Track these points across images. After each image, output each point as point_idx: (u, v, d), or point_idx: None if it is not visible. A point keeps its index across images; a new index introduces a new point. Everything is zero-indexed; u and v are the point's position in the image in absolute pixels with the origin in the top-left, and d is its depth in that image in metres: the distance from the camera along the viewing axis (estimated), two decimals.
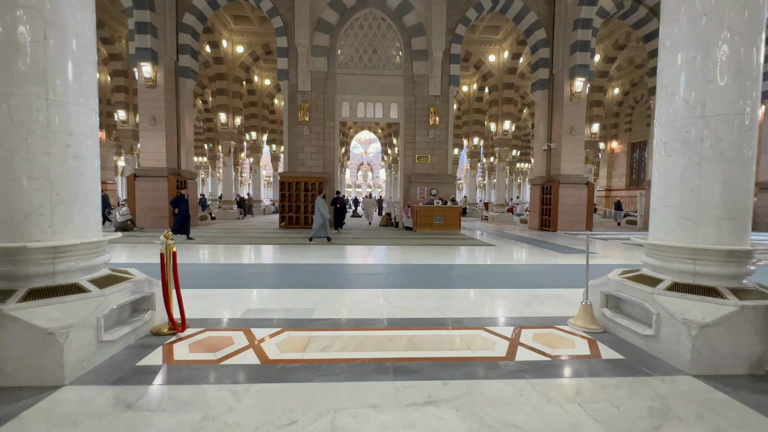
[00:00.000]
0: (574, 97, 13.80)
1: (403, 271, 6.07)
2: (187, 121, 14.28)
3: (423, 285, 5.05)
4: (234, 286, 4.84)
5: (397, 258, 7.34)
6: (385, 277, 5.64)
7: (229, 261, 6.80)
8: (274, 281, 5.28)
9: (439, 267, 6.50)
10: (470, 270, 6.33)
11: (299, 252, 7.96)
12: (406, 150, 14.78)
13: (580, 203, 14.07)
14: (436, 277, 5.65)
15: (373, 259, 7.34)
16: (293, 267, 6.36)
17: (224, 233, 11.80)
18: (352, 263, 6.81)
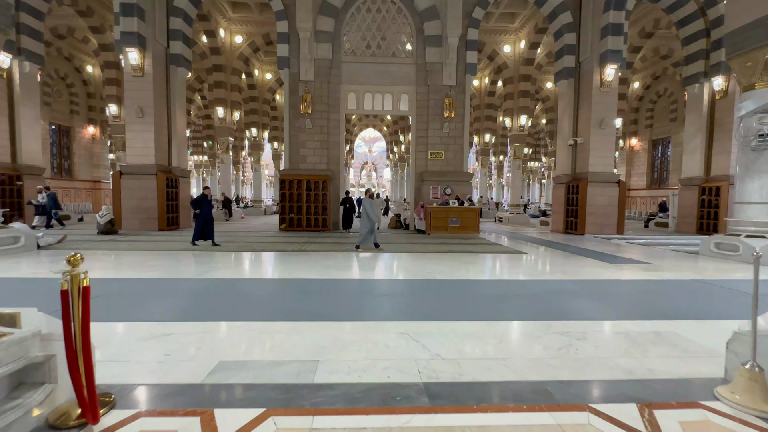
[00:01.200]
0: (604, 87, 12.47)
1: (431, 291, 4.81)
2: (179, 114, 13.10)
3: (463, 313, 3.79)
4: (208, 317, 3.60)
5: (416, 270, 6.09)
6: (410, 300, 4.38)
7: (211, 275, 5.57)
8: (264, 308, 4.03)
9: (472, 284, 5.24)
10: (514, 288, 5.05)
11: (299, 262, 6.72)
12: (417, 145, 13.52)
13: (611, 203, 12.74)
14: (475, 300, 4.39)
15: (388, 272, 6.09)
16: (290, 284, 5.12)
17: (218, 238, 10.58)
18: (364, 278, 5.56)
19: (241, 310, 3.83)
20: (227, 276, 5.47)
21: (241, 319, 3.49)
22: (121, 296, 4.28)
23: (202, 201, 8.49)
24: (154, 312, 3.71)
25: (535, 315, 3.78)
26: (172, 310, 3.82)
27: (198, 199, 8.55)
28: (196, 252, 7.68)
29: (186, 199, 13.33)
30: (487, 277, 5.67)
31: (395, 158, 32.89)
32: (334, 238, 10.59)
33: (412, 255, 7.77)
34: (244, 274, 5.62)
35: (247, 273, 5.68)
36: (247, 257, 7.31)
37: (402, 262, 6.86)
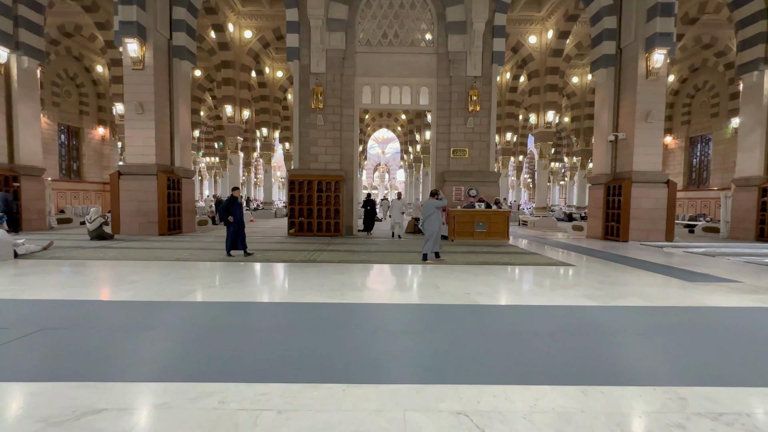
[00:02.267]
0: (651, 75, 11.05)
1: (479, 323, 3.63)
2: (183, 111, 12.24)
3: (541, 368, 2.60)
4: (160, 374, 2.51)
5: (450, 289, 4.91)
6: (454, 340, 3.20)
7: (192, 296, 4.50)
8: (250, 356, 2.89)
9: (530, 312, 4.04)
10: (589, 320, 3.82)
11: (307, 277, 5.63)
12: (438, 143, 12.33)
13: (658, 207, 11.28)
14: (546, 341, 3.18)
15: (415, 292, 4.92)
16: (292, 312, 4.01)
17: (218, 242, 9.61)
18: (386, 302, 4.40)
19: (214, 360, 2.72)
20: (212, 298, 4.40)
21: (210, 379, 2.38)
22: (60, 330, 3.24)
23: (233, 204, 7.31)
24: (84, 363, 2.64)
25: (649, 371, 2.57)
26: (111, 359, 2.75)
27: (228, 203, 7.28)
28: (187, 264, 6.66)
29: (190, 202, 12.46)
30: (546, 301, 4.44)
31: (410, 159, 31.69)
32: (348, 245, 9.49)
33: (439, 267, 6.58)
34: (234, 295, 4.53)
35: (238, 294, 4.59)
36: (244, 270, 6.24)
37: (429, 278, 5.69)
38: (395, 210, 11.51)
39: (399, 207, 11.47)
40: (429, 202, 7.20)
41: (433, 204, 7.13)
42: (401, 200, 11.80)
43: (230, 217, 7.19)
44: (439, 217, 7.16)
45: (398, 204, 11.52)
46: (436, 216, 7.08)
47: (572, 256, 8.23)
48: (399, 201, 11.66)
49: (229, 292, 4.65)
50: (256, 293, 4.66)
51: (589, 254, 8.61)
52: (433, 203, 7.13)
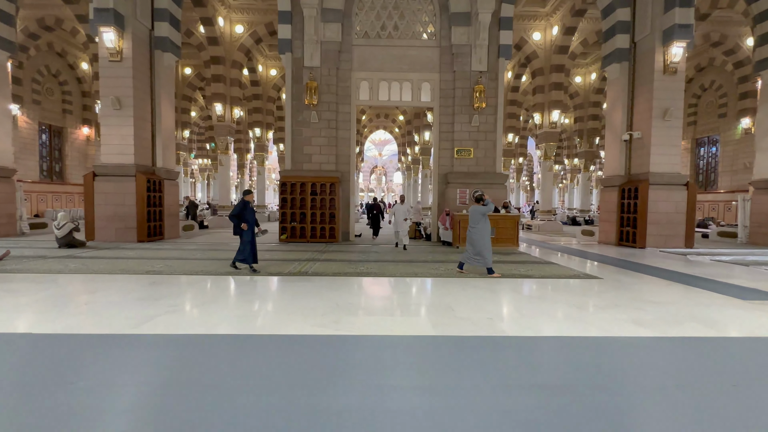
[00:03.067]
0: (668, 69, 10.33)
1: (511, 364, 2.79)
2: (166, 107, 11.34)
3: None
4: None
5: (469, 315, 4.06)
6: (488, 417, 2.34)
7: (144, 326, 3.62)
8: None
9: (574, 346, 3.20)
10: (662, 364, 2.98)
11: (295, 296, 4.77)
12: (441, 142, 11.52)
13: (678, 210, 10.53)
14: (616, 398, 2.33)
15: (424, 317, 4.04)
16: (271, 351, 3.13)
17: (199, 251, 8.71)
18: (391, 333, 3.54)
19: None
20: (171, 328, 3.50)
21: None
22: None
23: (245, 210, 6.23)
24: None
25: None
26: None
27: (239, 208, 6.19)
28: (158, 278, 5.75)
29: (173, 205, 11.52)
30: (590, 330, 3.60)
31: (408, 161, 30.86)
32: (345, 254, 8.62)
33: (451, 282, 5.73)
34: (202, 324, 3.64)
35: (207, 323, 3.70)
36: (222, 287, 5.35)
37: (441, 295, 4.83)
38: (398, 216, 9.93)
39: (402, 213, 9.90)
40: (475, 209, 6.22)
41: (478, 210, 6.16)
42: (405, 204, 10.26)
43: (243, 225, 6.14)
44: (488, 226, 6.22)
45: (402, 209, 9.98)
46: (484, 225, 6.15)
47: (593, 266, 7.41)
48: (402, 206, 10.11)
49: (196, 319, 3.76)
50: (230, 320, 3.77)
51: (610, 263, 7.80)
52: (479, 210, 6.16)
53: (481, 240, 6.14)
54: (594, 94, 22.11)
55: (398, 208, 10.06)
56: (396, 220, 10.01)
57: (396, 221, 10.01)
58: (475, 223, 6.23)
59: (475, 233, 6.19)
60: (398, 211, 9.97)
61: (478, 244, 6.15)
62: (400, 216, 9.89)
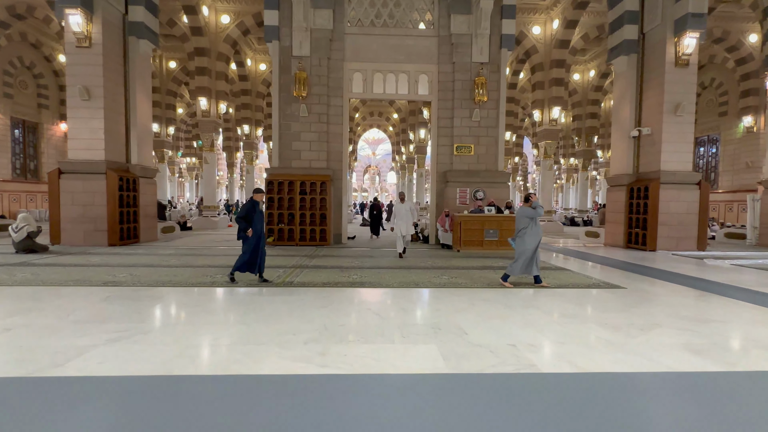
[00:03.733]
0: (680, 62, 9.74)
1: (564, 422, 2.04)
2: (142, 99, 10.43)
3: None
4: None
5: (486, 341, 3.35)
6: None
7: (76, 361, 2.82)
8: None
9: (646, 394, 2.48)
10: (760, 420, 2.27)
11: (278, 315, 4.01)
12: (440, 138, 10.80)
13: (689, 211, 9.95)
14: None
15: (435, 352, 3.27)
16: (234, 403, 2.37)
17: (175, 257, 7.86)
18: (392, 371, 2.79)
19: None
20: (107, 367, 2.70)
21: None
22: None
23: (253, 211, 5.31)
24: None
25: None
26: None
27: (246, 210, 5.27)
28: (115, 291, 4.92)
29: (149, 206, 10.62)
30: (641, 362, 2.89)
31: (402, 160, 30.11)
32: (336, 259, 7.84)
33: (455, 293, 5.00)
34: (148, 360, 2.84)
35: (154, 357, 2.90)
36: (188, 303, 4.55)
37: (448, 312, 4.10)
38: (401, 217, 8.12)
39: (405, 214, 8.11)
40: (522, 211, 5.40)
41: (525, 213, 5.34)
42: (406, 203, 8.31)
43: (250, 230, 5.24)
44: (538, 229, 5.34)
45: (403, 209, 8.14)
46: (532, 229, 5.31)
47: (609, 272, 6.74)
48: (404, 205, 8.23)
49: (142, 352, 2.96)
50: (186, 353, 2.98)
51: (626, 269, 7.14)
52: (526, 212, 5.34)
53: (522, 246, 5.31)
54: (593, 91, 21.62)
55: (400, 209, 8.24)
56: (398, 222, 8.11)
57: (399, 224, 8.09)
58: (521, 227, 5.37)
59: (520, 239, 5.34)
60: (400, 212, 8.17)
61: (518, 249, 5.37)
62: (403, 218, 8.09)
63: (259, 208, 5.41)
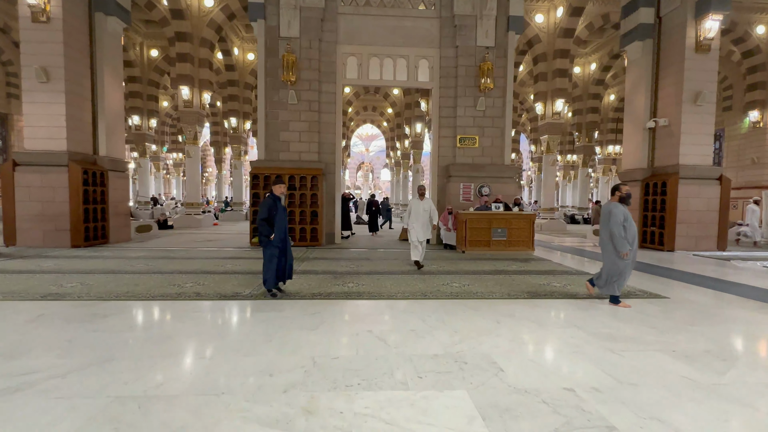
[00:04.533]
0: (701, 47, 9.03)
1: None
2: (111, 83, 9.36)
3: None
4: None
5: (532, 382, 2.54)
6: None
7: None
8: None
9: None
10: None
11: (248, 343, 3.17)
12: (442, 129, 9.94)
13: (710, 208, 9.27)
14: None
15: (467, 404, 2.42)
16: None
17: (144, 260, 6.89)
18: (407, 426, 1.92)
19: None
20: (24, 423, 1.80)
21: None
22: None
23: (274, 208, 4.33)
24: None
25: None
26: None
27: (266, 207, 4.28)
28: (52, 306, 3.98)
29: (120, 202, 9.57)
30: (751, 416, 2.09)
31: (397, 156, 29.20)
32: (328, 262, 6.94)
33: (472, 307, 4.15)
34: (48, 425, 1.97)
35: (62, 424, 2.03)
36: (138, 325, 3.63)
37: (470, 332, 3.26)
38: (417, 219, 6.32)
39: (423, 215, 6.33)
40: (611, 208, 4.11)
41: (620, 212, 4.08)
42: (426, 201, 6.41)
43: (270, 236, 4.28)
44: (632, 230, 4.14)
45: (421, 208, 6.33)
46: (630, 230, 4.11)
47: (637, 277, 5.96)
48: (422, 203, 6.35)
49: (44, 413, 2.04)
50: (111, 412, 2.08)
51: (651, 272, 6.38)
52: (618, 212, 4.07)
53: (610, 260, 4.21)
54: (594, 85, 20.96)
55: (417, 207, 6.34)
56: (414, 225, 6.33)
57: (414, 227, 6.33)
58: (605, 233, 4.20)
59: (613, 240, 4.15)
60: (417, 212, 6.32)
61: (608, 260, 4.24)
62: (420, 219, 6.29)
63: (280, 204, 4.46)
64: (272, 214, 4.32)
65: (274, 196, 4.42)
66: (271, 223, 4.32)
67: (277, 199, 4.43)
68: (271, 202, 4.35)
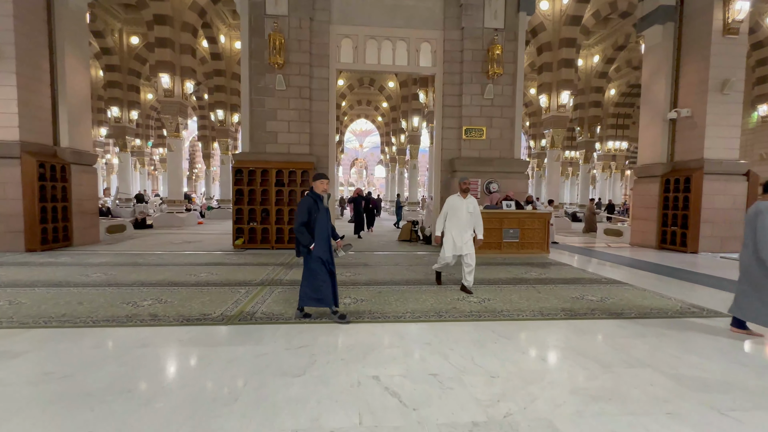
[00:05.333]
0: (729, 30, 8.26)
1: None
2: (75, 65, 8.28)
3: None
4: None
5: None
6: None
7: None
8: None
9: None
10: None
11: (207, 407, 2.21)
12: (445, 119, 9.06)
13: (735, 206, 8.55)
14: None
15: None
16: None
17: (105, 268, 5.91)
18: None
19: None
20: None
21: None
22: None
23: (315, 211, 3.43)
24: None
25: None
26: None
27: (304, 209, 3.38)
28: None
29: (86, 200, 8.52)
30: None
31: (392, 152, 28.26)
32: None
33: (500, 331, 3.30)
34: None
35: None
36: (61, 363, 2.71)
37: (516, 386, 2.42)
38: (457, 222, 4.56)
39: (466, 218, 4.55)
40: (761, 208, 3.06)
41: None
42: (470, 200, 4.61)
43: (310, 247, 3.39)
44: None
45: (464, 208, 4.55)
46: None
47: (674, 286, 5.17)
48: (465, 202, 4.57)
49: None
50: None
51: (689, 279, 5.60)
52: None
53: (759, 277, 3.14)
54: (597, 78, 20.23)
55: (459, 206, 4.55)
56: (453, 231, 4.56)
57: (453, 233, 4.55)
58: (763, 233, 3.03)
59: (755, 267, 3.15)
60: (460, 213, 4.52)
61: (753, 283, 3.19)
62: (462, 223, 4.52)
63: (322, 204, 3.50)
64: (312, 218, 3.41)
65: (314, 195, 3.48)
66: (311, 229, 3.40)
67: (319, 198, 3.49)
68: (311, 202, 3.42)
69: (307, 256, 3.45)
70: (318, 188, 3.50)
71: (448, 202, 4.68)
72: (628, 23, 16.56)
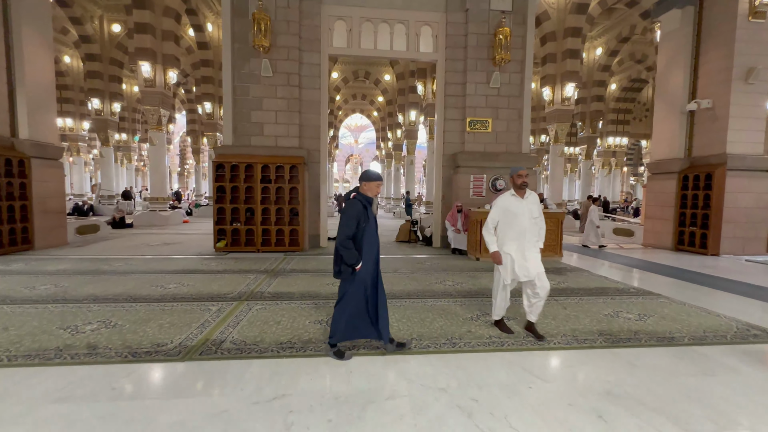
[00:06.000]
0: (756, 13, 7.60)
1: None
2: (33, 49, 7.40)
3: None
4: None
5: None
6: None
7: None
8: None
9: None
10: None
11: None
12: (447, 110, 8.32)
13: (759, 205, 7.95)
14: None
15: None
16: None
17: (60, 279, 5.12)
18: None
19: None
20: None
21: None
22: None
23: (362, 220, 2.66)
24: None
25: None
26: None
27: (354, 218, 2.61)
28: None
29: (50, 198, 7.67)
30: None
31: (388, 147, 27.45)
32: (311, 276, 5.30)
33: (530, 368, 2.61)
34: None
35: None
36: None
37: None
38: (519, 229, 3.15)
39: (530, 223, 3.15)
40: None
41: None
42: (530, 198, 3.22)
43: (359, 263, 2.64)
44: None
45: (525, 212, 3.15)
46: None
47: (708, 297, 4.52)
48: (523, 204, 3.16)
49: None
50: None
51: (720, 287, 4.95)
52: None
53: None
54: (599, 71, 19.60)
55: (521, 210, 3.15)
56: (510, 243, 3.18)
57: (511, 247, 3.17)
58: None
59: None
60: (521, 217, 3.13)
61: None
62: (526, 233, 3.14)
63: (371, 211, 2.74)
64: (360, 229, 2.66)
65: (364, 200, 2.72)
66: (356, 243, 2.65)
67: (368, 203, 2.73)
68: (360, 208, 2.66)
69: (347, 277, 2.66)
70: (372, 191, 2.75)
71: (498, 204, 3.22)
72: (634, 13, 15.91)
